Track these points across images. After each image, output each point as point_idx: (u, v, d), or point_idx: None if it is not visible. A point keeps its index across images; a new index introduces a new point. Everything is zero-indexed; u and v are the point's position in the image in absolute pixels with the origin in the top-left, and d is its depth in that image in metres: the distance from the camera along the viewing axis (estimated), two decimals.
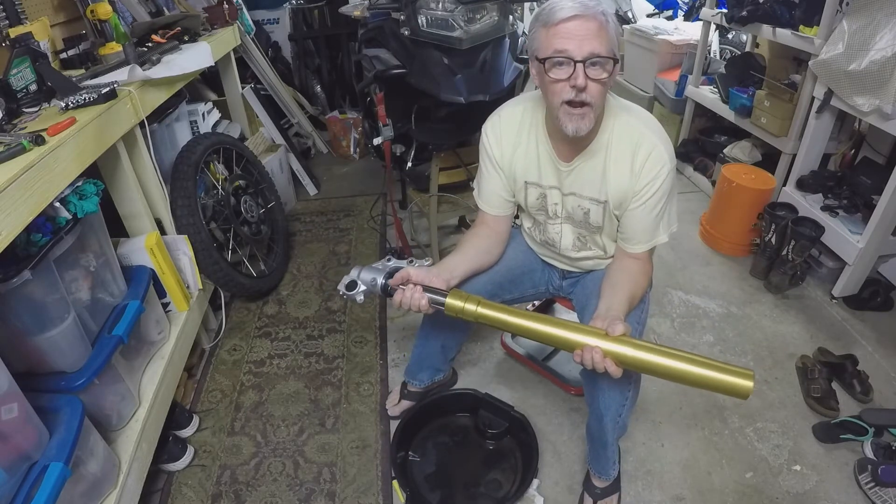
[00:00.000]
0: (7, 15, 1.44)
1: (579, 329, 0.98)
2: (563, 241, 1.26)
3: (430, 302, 1.08)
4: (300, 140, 3.26)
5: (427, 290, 1.08)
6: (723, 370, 0.90)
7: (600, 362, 0.93)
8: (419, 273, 1.10)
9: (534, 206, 1.25)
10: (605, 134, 1.09)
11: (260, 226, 2.09)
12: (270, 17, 3.46)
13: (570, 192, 1.17)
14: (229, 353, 1.85)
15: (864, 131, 2.14)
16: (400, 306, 1.10)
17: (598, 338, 0.95)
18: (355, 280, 1.14)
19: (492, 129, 1.20)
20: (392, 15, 1.79)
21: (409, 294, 1.08)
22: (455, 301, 1.06)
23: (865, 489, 1.35)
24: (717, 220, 2.33)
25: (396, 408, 1.59)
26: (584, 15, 0.93)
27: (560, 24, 0.94)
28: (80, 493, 1.05)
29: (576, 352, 0.96)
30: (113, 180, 1.44)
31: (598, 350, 0.93)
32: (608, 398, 1.13)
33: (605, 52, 0.94)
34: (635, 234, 1.14)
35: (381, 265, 1.16)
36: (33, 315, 1.07)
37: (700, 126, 2.95)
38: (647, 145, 1.06)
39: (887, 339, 1.82)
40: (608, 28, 0.95)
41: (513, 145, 1.18)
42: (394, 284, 1.11)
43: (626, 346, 0.94)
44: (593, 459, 1.29)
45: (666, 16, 3.64)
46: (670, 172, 1.07)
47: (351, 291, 1.13)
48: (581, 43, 0.93)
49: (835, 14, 1.88)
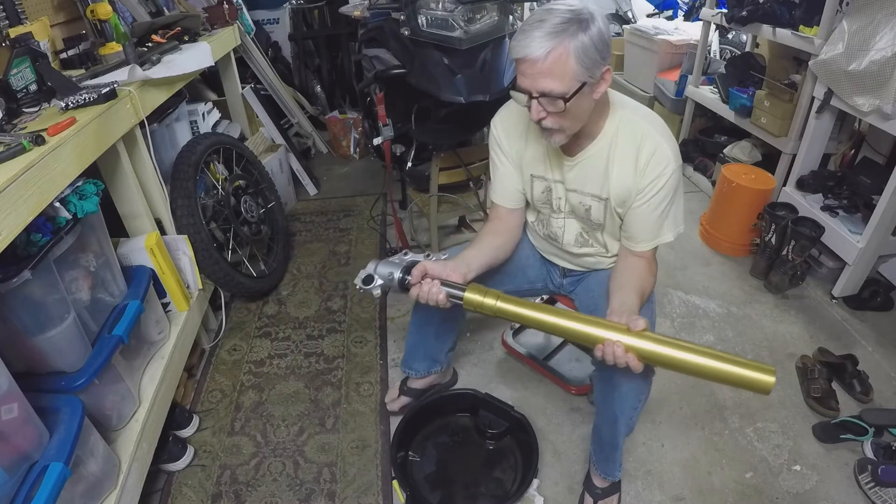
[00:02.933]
0: (7, 15, 1.44)
1: (600, 324, 0.97)
2: (566, 236, 1.27)
3: (448, 296, 1.07)
4: (300, 140, 3.26)
5: (445, 285, 1.07)
6: (745, 365, 0.88)
7: (622, 357, 0.92)
8: (436, 267, 1.09)
9: (539, 199, 1.25)
10: (610, 130, 1.10)
11: (260, 226, 2.09)
12: (270, 17, 3.46)
13: (573, 188, 1.18)
14: (229, 353, 1.85)
15: (864, 131, 2.14)
16: (418, 300, 1.09)
17: (620, 333, 0.94)
18: (372, 274, 1.12)
19: (501, 122, 1.22)
20: (392, 15, 1.79)
21: (426, 288, 1.07)
22: (474, 295, 1.05)
23: (865, 489, 1.35)
24: (717, 220, 2.33)
25: (395, 403, 1.60)
26: (535, 57, 0.93)
27: (518, 60, 0.97)
28: (80, 493, 1.05)
29: (597, 346, 0.95)
30: (113, 180, 1.44)
31: (620, 345, 0.92)
32: (624, 401, 1.12)
33: (559, 88, 0.94)
34: (638, 232, 1.14)
35: (397, 259, 1.14)
36: (33, 315, 1.07)
37: (700, 126, 2.95)
38: (651, 143, 1.06)
39: (887, 339, 1.82)
40: (569, 59, 0.93)
41: (522, 138, 1.20)
42: (414, 280, 1.09)
43: (648, 341, 0.92)
44: (600, 461, 1.28)
45: (666, 16, 3.64)
46: (675, 171, 1.07)
47: (368, 286, 1.11)
48: (533, 81, 0.96)
49: (835, 14, 1.88)
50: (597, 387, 1.21)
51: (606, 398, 1.16)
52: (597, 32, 0.94)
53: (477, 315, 1.93)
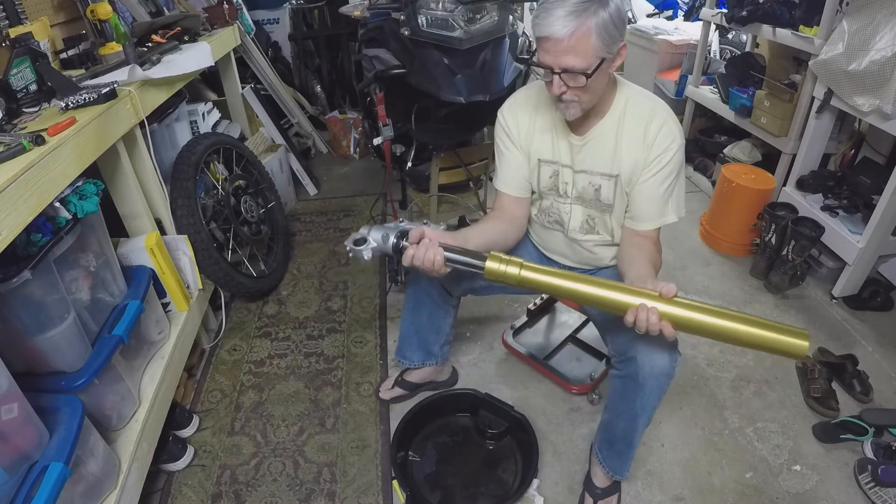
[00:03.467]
0: (7, 15, 1.43)
1: (631, 290, 0.93)
2: (572, 222, 1.27)
3: (447, 261, 1.02)
4: (300, 140, 3.25)
5: (446, 249, 1.02)
6: (778, 330, 0.87)
7: (656, 324, 0.89)
8: (435, 233, 1.06)
9: (546, 185, 1.26)
10: (619, 107, 1.12)
11: (260, 226, 2.09)
12: (270, 17, 3.46)
13: (581, 169, 1.18)
14: (229, 353, 1.85)
15: (864, 131, 2.14)
16: (412, 263, 1.04)
17: (653, 299, 0.91)
18: (365, 237, 1.07)
19: (509, 109, 1.25)
20: (392, 15, 1.79)
21: (423, 249, 1.02)
22: (495, 264, 0.99)
23: (865, 489, 1.35)
24: (717, 220, 2.33)
25: (389, 392, 1.61)
26: (559, 36, 0.95)
27: (541, 38, 0.99)
28: (80, 493, 1.05)
29: (629, 311, 0.91)
30: (113, 180, 1.44)
31: (654, 310, 0.89)
32: (647, 399, 1.12)
33: (581, 65, 0.97)
34: (644, 210, 1.15)
35: (393, 225, 1.10)
36: (33, 315, 1.07)
37: (700, 126, 2.95)
38: (660, 118, 1.10)
39: (887, 339, 1.82)
40: (591, 37, 0.96)
41: (530, 123, 1.22)
42: (412, 240, 1.05)
43: (681, 307, 0.90)
44: (609, 458, 1.27)
45: (666, 16, 3.64)
46: (681, 147, 1.10)
47: (359, 247, 1.07)
48: (556, 58, 0.98)
49: (835, 14, 1.88)
50: (616, 385, 1.18)
51: (627, 395, 1.14)
52: (615, 9, 0.97)
53: (477, 315, 1.95)
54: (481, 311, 1.98)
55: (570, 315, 1.92)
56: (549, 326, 1.90)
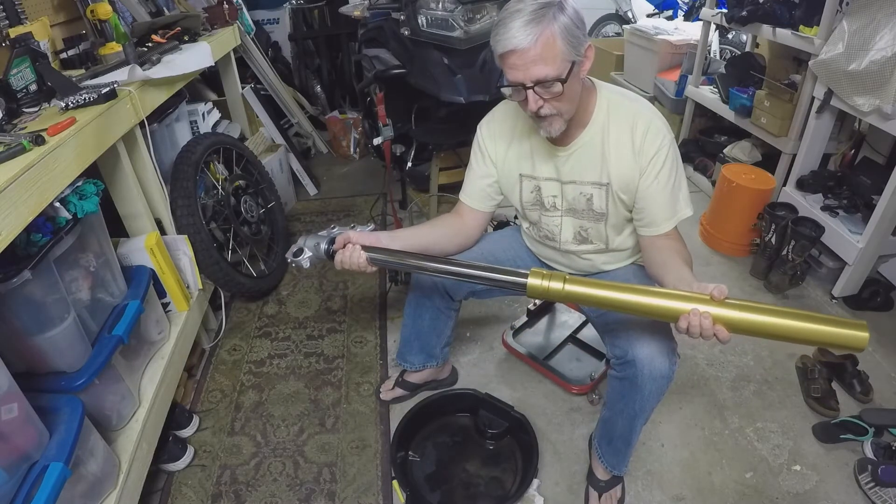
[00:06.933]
0: (7, 15, 1.44)
1: (681, 296, 0.91)
2: (563, 235, 1.26)
3: (371, 260, 1.12)
4: (300, 140, 3.26)
5: (367, 250, 1.12)
6: (837, 323, 0.85)
7: (710, 328, 0.86)
8: (359, 236, 1.16)
9: (528, 200, 1.25)
10: (601, 115, 1.11)
11: (260, 226, 2.09)
12: (270, 17, 3.46)
13: (570, 180, 1.17)
14: (229, 353, 1.85)
15: (864, 131, 2.14)
16: (342, 266, 1.15)
17: (704, 303, 0.88)
18: (302, 247, 1.20)
19: (486, 126, 1.25)
20: (392, 15, 1.80)
21: (347, 253, 1.13)
22: (537, 281, 0.98)
23: (865, 489, 1.35)
24: (717, 220, 2.33)
25: (389, 393, 1.61)
26: (524, 47, 0.93)
27: (503, 56, 0.97)
28: (80, 493, 1.05)
29: (682, 318, 0.88)
30: (113, 180, 1.44)
31: (707, 315, 0.86)
32: (646, 401, 1.12)
33: (553, 72, 0.95)
34: (657, 214, 1.12)
35: (325, 232, 1.21)
36: (33, 315, 1.07)
37: (700, 126, 2.95)
38: (644, 121, 1.08)
39: (887, 339, 1.82)
40: (555, 43, 0.94)
41: (507, 141, 1.22)
42: (336, 247, 1.16)
43: (734, 308, 0.87)
44: (610, 455, 1.28)
45: (666, 16, 3.65)
46: (672, 142, 1.09)
47: (298, 258, 1.19)
48: (526, 71, 0.96)
49: (835, 14, 1.88)
50: (615, 385, 1.18)
51: (625, 396, 1.15)
52: (572, 10, 0.96)
53: (477, 315, 1.95)
54: (481, 311, 1.99)
55: (569, 315, 1.92)
56: (548, 327, 1.90)
